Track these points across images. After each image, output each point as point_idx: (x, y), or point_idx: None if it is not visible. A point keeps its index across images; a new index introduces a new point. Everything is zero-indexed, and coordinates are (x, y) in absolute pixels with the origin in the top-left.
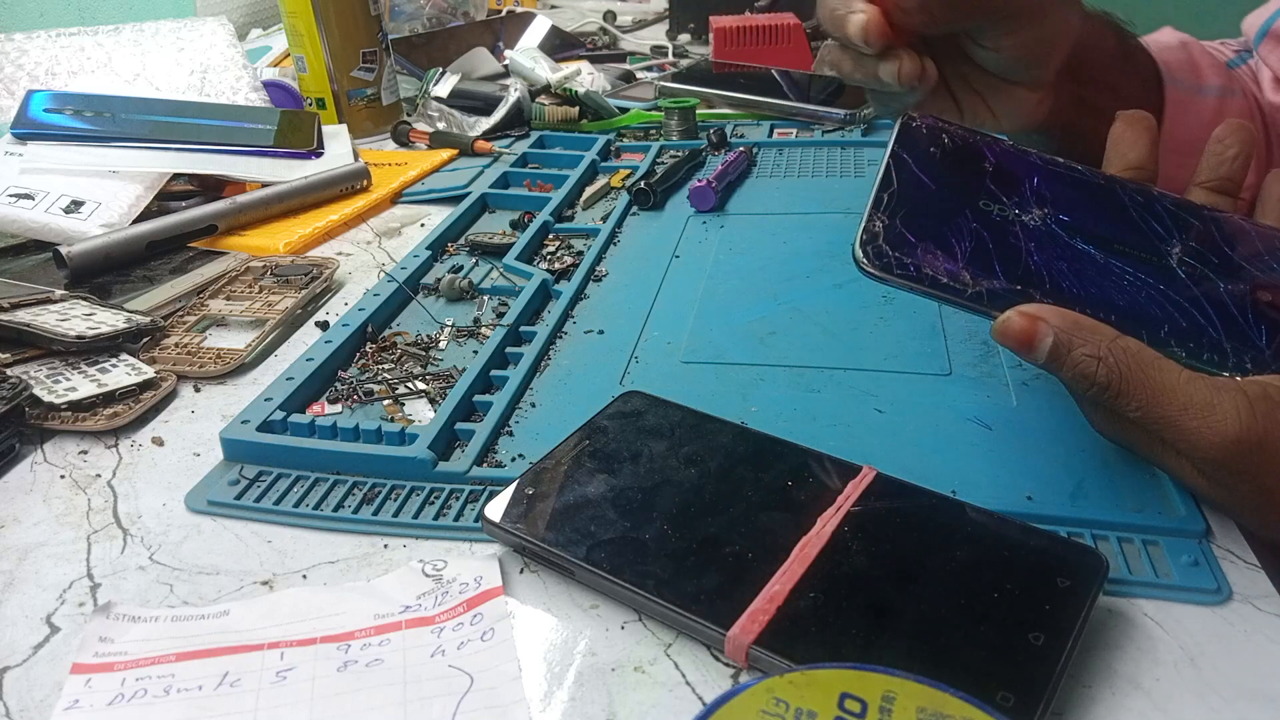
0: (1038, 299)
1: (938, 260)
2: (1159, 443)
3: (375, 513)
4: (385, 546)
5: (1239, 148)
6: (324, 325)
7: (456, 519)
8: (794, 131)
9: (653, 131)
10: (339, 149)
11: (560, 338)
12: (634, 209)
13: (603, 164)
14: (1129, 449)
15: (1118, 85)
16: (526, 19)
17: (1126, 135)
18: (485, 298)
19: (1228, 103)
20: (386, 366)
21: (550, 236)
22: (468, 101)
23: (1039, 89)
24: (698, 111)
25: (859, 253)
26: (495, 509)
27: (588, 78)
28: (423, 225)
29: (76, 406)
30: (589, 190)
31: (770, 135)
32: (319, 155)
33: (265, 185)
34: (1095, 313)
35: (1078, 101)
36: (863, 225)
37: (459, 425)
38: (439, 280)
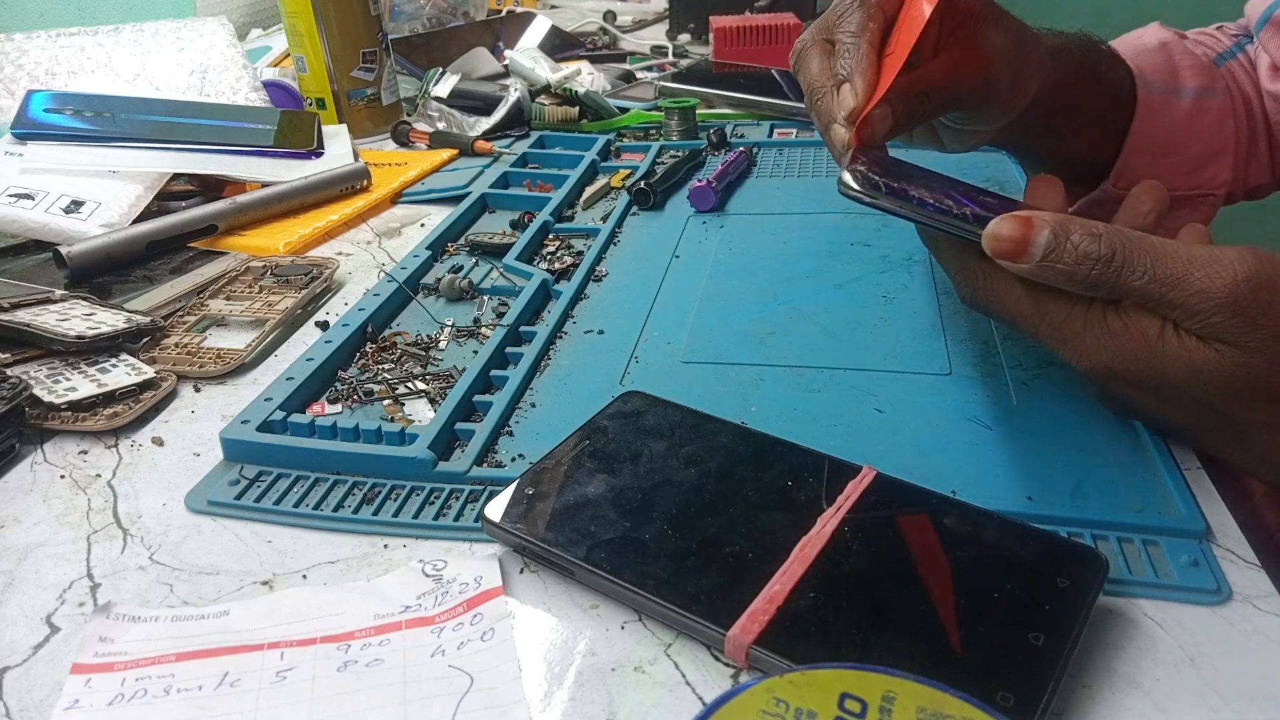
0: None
1: (922, 188)
2: (1166, 365)
3: (375, 513)
4: (385, 546)
5: (1152, 205)
6: (324, 325)
7: (456, 519)
8: (794, 131)
9: (653, 131)
10: (339, 149)
11: (560, 338)
12: (634, 209)
13: (603, 164)
14: (1136, 414)
15: (1081, 108)
16: (526, 19)
17: (1039, 190)
18: (485, 298)
19: (1205, 103)
20: (386, 366)
21: (550, 236)
22: (468, 101)
23: (992, 130)
24: (698, 111)
25: (847, 177)
26: (495, 509)
27: (588, 78)
28: (423, 225)
29: (76, 406)
30: (589, 190)
31: (770, 135)
32: (319, 155)
33: (265, 185)
34: None
35: (1030, 130)
36: (848, 157)
37: (459, 425)
38: (439, 280)
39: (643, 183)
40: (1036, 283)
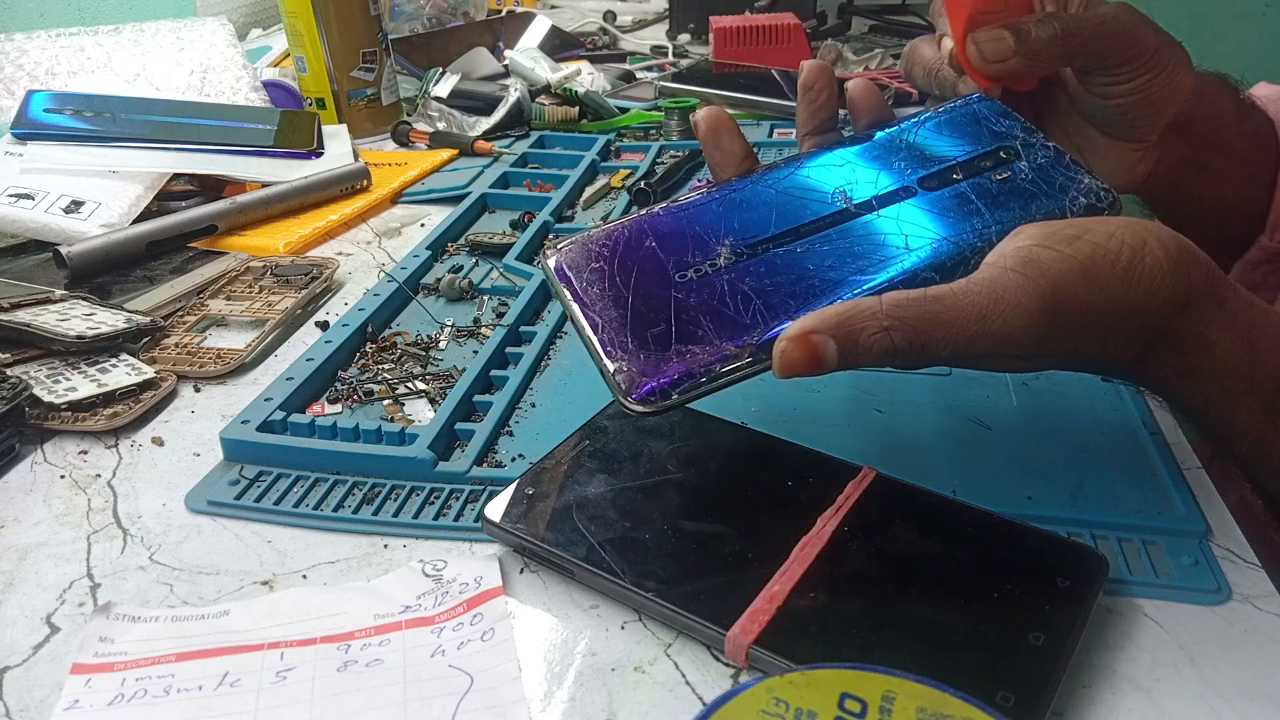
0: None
1: (698, 353)
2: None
3: (375, 513)
4: (385, 546)
5: (826, 89)
6: (324, 325)
7: (456, 519)
8: (794, 131)
9: (653, 131)
10: (339, 149)
11: (560, 337)
12: (634, 209)
13: (603, 164)
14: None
15: (1230, 145)
16: (526, 19)
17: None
18: (485, 298)
19: None
20: (386, 366)
21: (550, 236)
22: (468, 101)
23: (1142, 147)
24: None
25: (630, 405)
26: (495, 509)
27: (588, 78)
28: (423, 225)
29: (76, 406)
30: (589, 190)
31: (770, 135)
32: (319, 155)
33: (265, 185)
34: (844, 294)
35: (1185, 163)
36: (609, 375)
37: (459, 425)
38: (439, 280)
39: (643, 183)
40: None
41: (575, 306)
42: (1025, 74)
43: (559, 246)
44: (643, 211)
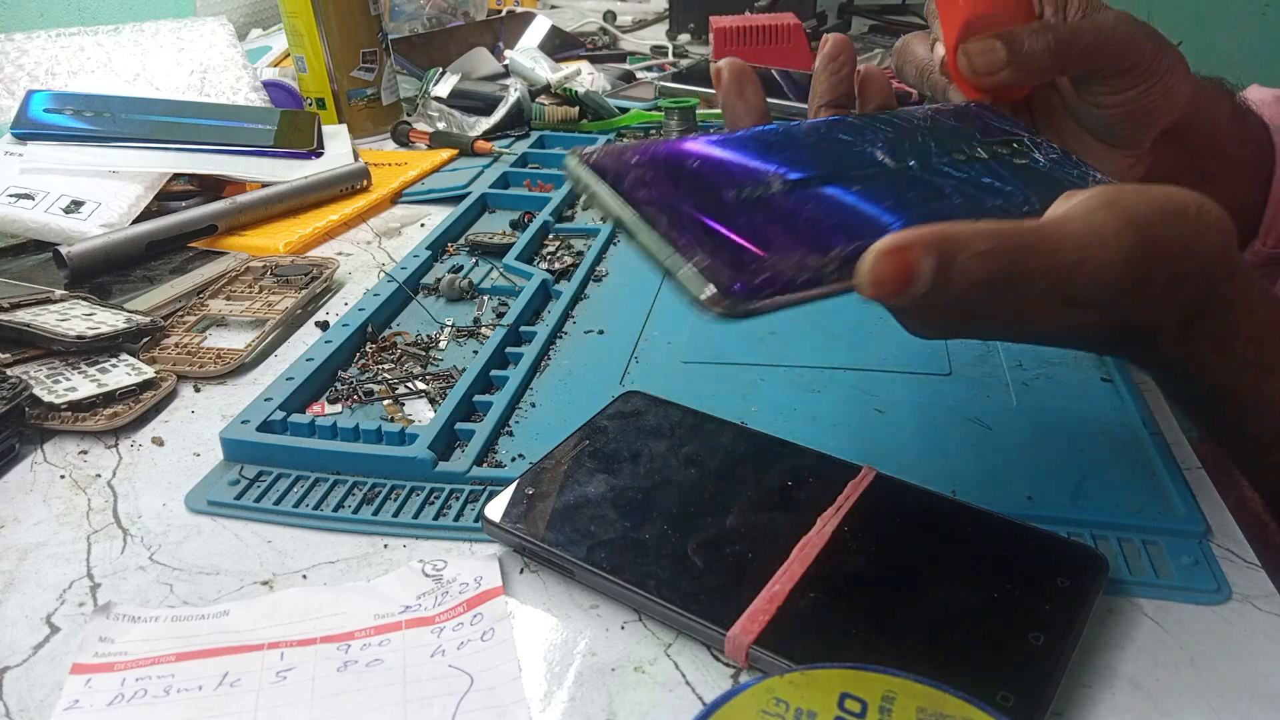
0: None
1: (777, 261)
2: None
3: (375, 513)
4: (385, 546)
5: (849, 64)
6: (324, 325)
7: (456, 519)
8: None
9: (653, 131)
10: (339, 149)
11: (560, 338)
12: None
13: None
14: (935, 335)
15: (1226, 151)
16: (526, 19)
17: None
18: (485, 298)
19: None
20: (386, 366)
21: (550, 236)
22: (468, 101)
23: (1135, 153)
24: (698, 111)
25: (715, 305)
26: (495, 509)
27: (588, 78)
28: (423, 225)
29: (76, 406)
30: None
31: None
32: (319, 155)
33: (265, 185)
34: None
35: (1180, 168)
36: (686, 274)
37: (459, 425)
38: (439, 280)
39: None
40: None
41: (626, 204)
42: (1017, 85)
43: (587, 152)
44: (673, 136)
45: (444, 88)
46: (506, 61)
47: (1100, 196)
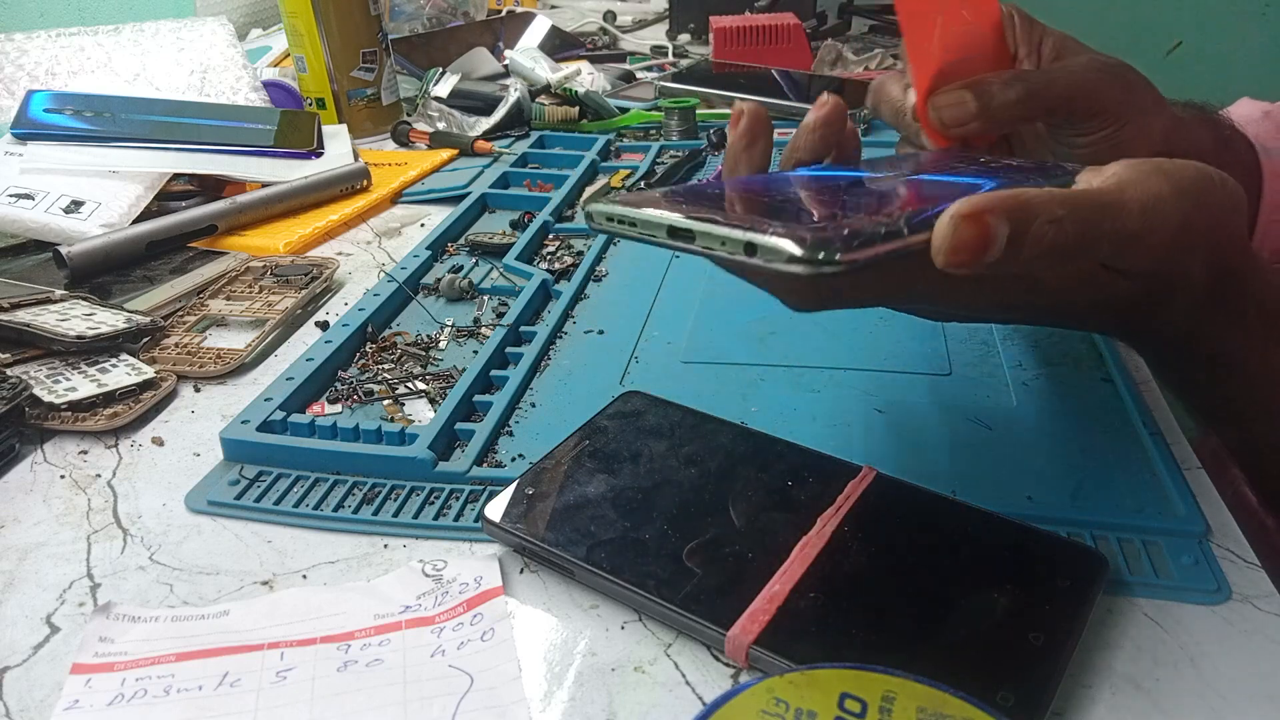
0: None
1: (854, 219)
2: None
3: (375, 513)
4: (385, 546)
5: (841, 129)
6: (324, 325)
7: (456, 519)
8: (793, 133)
9: (653, 131)
10: (339, 149)
11: (560, 338)
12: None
13: (603, 164)
14: (951, 319)
15: None
16: (526, 19)
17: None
18: (485, 298)
19: None
20: (386, 366)
21: (550, 236)
22: (468, 101)
23: None
24: (698, 111)
25: (799, 251)
26: (495, 509)
27: (588, 78)
28: (423, 225)
29: (76, 406)
30: (589, 190)
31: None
32: (319, 155)
33: (265, 185)
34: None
35: None
36: (767, 244)
37: (459, 425)
38: (439, 280)
39: (643, 183)
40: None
41: (676, 213)
42: (985, 134)
43: (607, 199)
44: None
45: (444, 88)
46: (506, 61)
47: (1147, 165)
